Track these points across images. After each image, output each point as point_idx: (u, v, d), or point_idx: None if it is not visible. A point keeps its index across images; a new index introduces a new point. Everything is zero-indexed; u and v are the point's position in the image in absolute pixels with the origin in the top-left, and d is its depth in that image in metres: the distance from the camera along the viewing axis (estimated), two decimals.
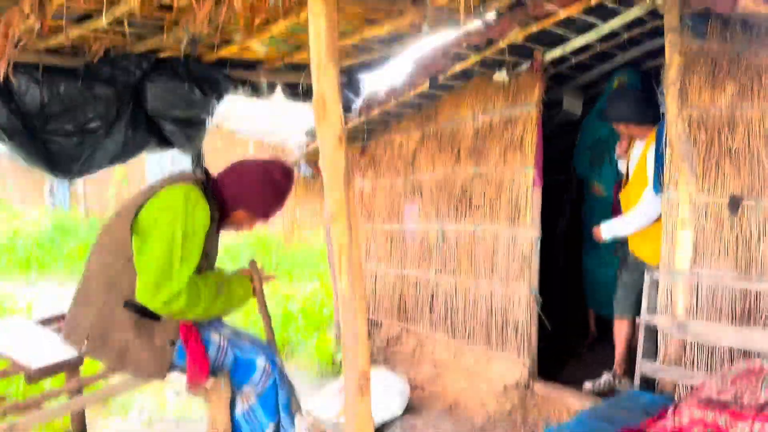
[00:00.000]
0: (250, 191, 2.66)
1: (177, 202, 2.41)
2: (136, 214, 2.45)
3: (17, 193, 16.76)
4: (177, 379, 2.59)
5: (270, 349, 2.81)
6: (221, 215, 2.68)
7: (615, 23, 3.35)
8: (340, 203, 1.77)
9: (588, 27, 3.49)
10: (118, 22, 2.79)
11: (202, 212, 2.46)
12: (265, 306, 2.96)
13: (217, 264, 2.85)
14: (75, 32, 2.83)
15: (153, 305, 2.36)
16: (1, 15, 2.49)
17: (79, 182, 14.22)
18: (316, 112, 1.74)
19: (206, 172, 2.73)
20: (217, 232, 2.73)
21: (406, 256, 4.87)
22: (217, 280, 2.56)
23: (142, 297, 2.35)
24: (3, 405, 2.53)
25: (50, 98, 3.13)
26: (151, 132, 3.66)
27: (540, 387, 3.86)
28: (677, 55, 2.88)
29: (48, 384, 3.57)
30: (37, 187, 16.18)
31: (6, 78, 2.69)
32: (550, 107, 4.20)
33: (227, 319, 2.90)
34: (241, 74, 3.83)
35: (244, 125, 9.94)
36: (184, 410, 4.26)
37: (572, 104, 4.53)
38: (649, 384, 3.06)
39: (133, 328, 2.44)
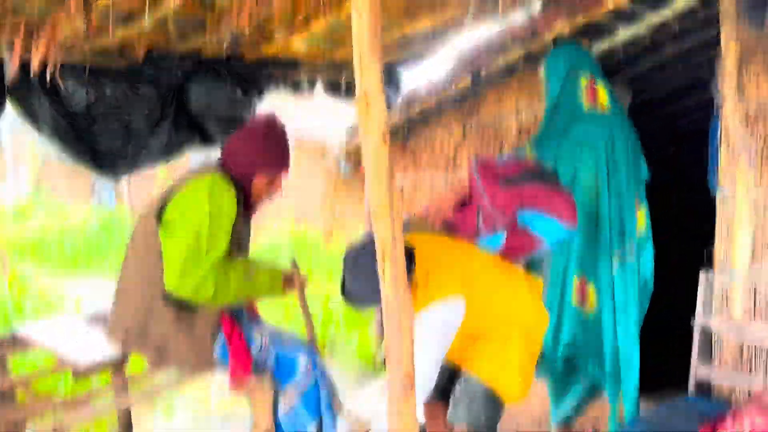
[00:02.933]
0: (250, 155, 2.62)
1: (202, 193, 2.42)
2: (163, 208, 2.46)
3: (65, 193, 17.22)
4: (220, 378, 2.58)
5: (311, 348, 2.80)
6: (246, 197, 2.65)
7: (666, 13, 3.22)
8: (383, 202, 1.73)
9: (636, 18, 3.37)
10: (161, 22, 2.81)
11: (228, 200, 2.45)
12: (306, 305, 2.95)
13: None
14: (119, 33, 2.86)
15: (181, 292, 2.35)
16: (48, 16, 2.52)
17: (124, 181, 14.47)
18: (360, 110, 1.70)
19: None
20: (247, 218, 2.71)
21: None
22: (246, 267, 2.53)
23: (170, 284, 2.36)
24: (51, 402, 2.57)
25: (96, 99, 3.19)
26: (194, 131, 3.69)
27: None
28: (734, 44, 2.75)
29: (95, 381, 3.63)
30: (83, 186, 16.58)
31: (53, 80, 2.73)
32: None
33: (268, 318, 2.89)
34: (282, 72, 3.83)
35: (284, 123, 9.99)
36: (229, 409, 4.29)
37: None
38: (704, 389, 2.94)
39: (173, 322, 2.45)
